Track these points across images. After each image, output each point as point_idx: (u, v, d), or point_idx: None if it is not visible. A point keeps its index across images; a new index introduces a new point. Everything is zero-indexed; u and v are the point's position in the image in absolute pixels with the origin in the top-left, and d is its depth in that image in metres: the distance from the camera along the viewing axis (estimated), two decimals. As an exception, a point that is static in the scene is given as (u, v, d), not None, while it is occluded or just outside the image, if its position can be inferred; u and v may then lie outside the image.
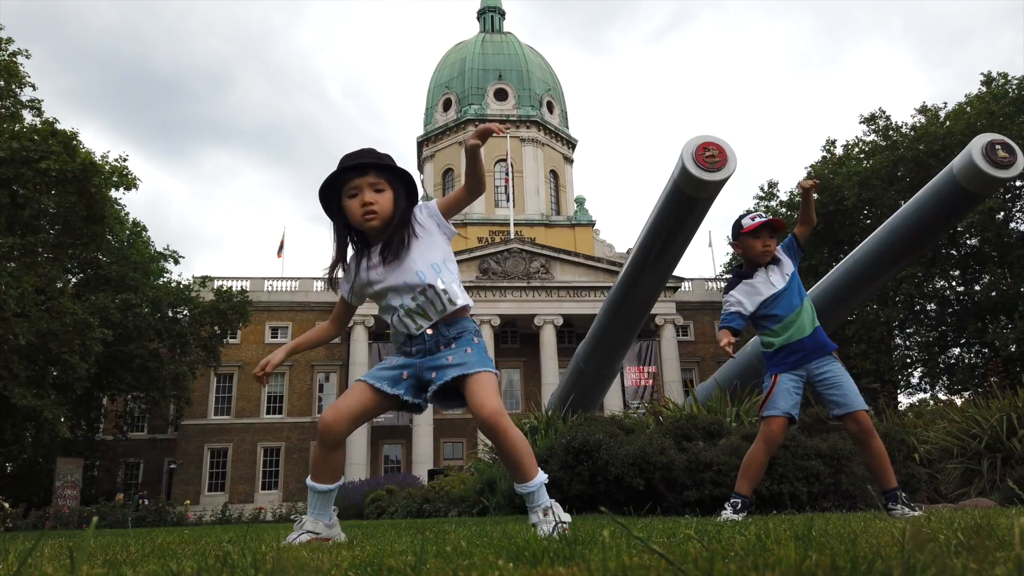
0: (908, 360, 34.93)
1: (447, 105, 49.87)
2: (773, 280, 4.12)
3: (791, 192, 37.28)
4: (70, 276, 29.62)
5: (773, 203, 38.20)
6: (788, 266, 4.18)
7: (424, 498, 12.56)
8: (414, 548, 1.88)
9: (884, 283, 9.71)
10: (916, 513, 3.57)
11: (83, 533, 7.09)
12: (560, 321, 39.76)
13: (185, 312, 32.86)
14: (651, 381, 36.91)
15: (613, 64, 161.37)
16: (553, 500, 2.56)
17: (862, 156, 34.18)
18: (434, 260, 2.72)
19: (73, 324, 23.09)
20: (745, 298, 4.15)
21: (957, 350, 34.00)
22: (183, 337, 32.20)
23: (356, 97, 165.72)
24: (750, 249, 4.16)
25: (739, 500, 4.05)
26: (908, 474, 7.91)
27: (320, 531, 2.63)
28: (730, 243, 4.35)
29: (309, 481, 2.73)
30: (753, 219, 4.14)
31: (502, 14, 55.49)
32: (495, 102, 48.43)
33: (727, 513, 3.97)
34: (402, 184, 2.76)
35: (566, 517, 2.51)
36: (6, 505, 21.82)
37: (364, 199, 2.67)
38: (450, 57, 52.34)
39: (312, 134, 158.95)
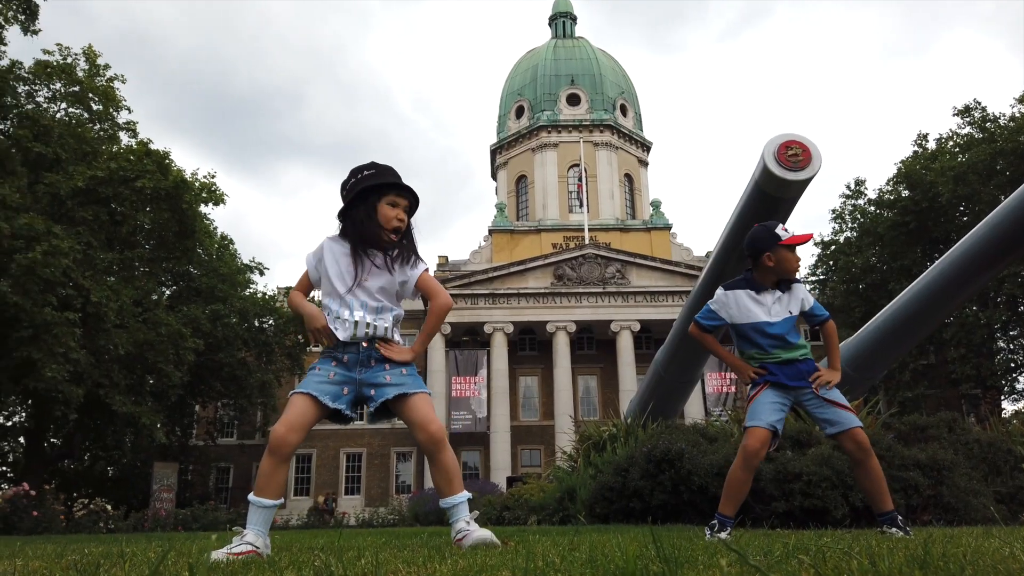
0: (1012, 364, 33.05)
1: (520, 112, 50.10)
2: (775, 310, 3.80)
3: (879, 189, 35.87)
4: (164, 288, 31.13)
5: (861, 201, 36.83)
6: (795, 306, 3.83)
7: (504, 505, 12.60)
8: (506, 562, 1.87)
9: (984, 284, 9.19)
10: (910, 535, 3.32)
11: (177, 536, 7.40)
12: (637, 327, 39.30)
13: (270, 322, 34.05)
14: (733, 388, 35.95)
15: (687, 64, 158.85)
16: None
17: (957, 150, 32.61)
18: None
19: (168, 334, 24.27)
20: (740, 306, 3.85)
21: (1065, 353, 31.96)
22: (268, 346, 33.40)
23: (426, 110, 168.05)
24: (786, 263, 3.75)
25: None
26: (1016, 486, 7.44)
27: (260, 547, 2.61)
28: (749, 254, 3.87)
29: (253, 496, 2.73)
30: (786, 230, 3.75)
31: (574, 19, 55.45)
32: (568, 107, 48.38)
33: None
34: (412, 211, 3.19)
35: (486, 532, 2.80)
36: (108, 507, 23.02)
37: (400, 215, 3.08)
38: (522, 64, 52.61)
39: (384, 146, 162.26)
